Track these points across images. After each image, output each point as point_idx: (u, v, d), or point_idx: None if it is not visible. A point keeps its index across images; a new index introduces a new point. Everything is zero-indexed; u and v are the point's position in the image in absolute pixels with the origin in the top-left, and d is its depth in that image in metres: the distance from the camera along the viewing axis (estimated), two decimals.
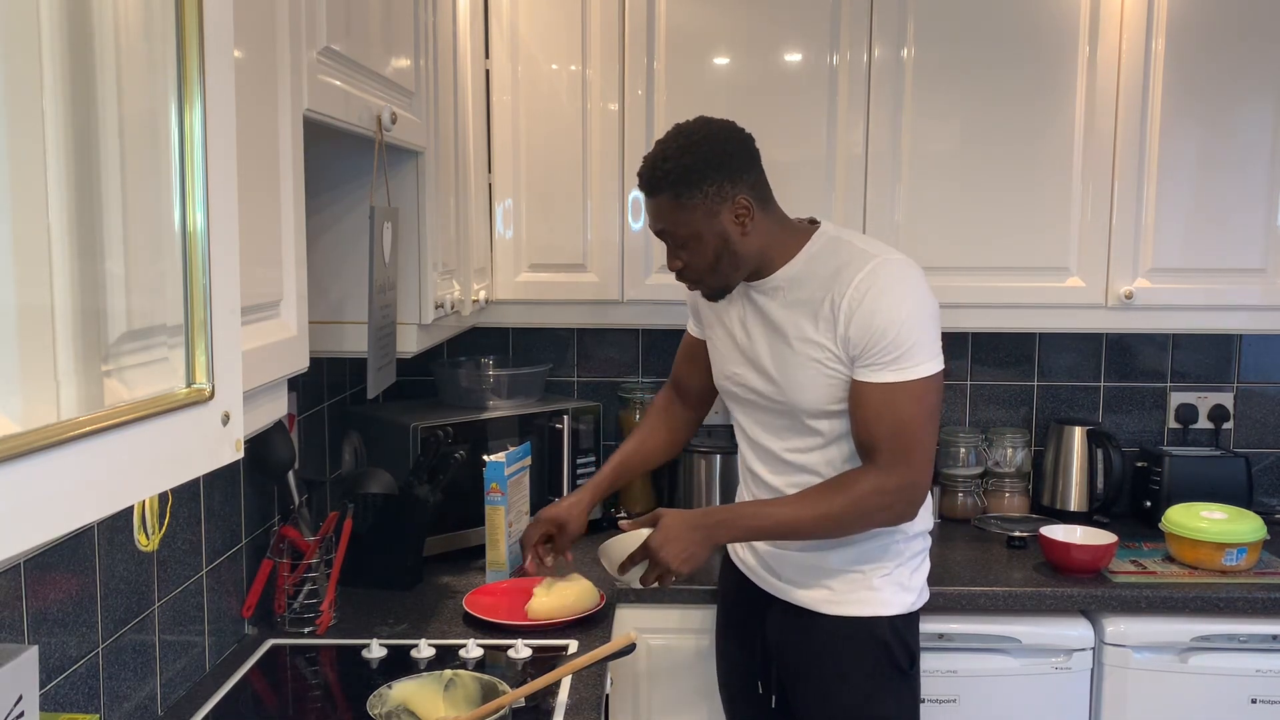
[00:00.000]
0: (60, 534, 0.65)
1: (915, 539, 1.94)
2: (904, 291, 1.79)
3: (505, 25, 2.53)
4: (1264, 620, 2.25)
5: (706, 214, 1.81)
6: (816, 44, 2.50)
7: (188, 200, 0.76)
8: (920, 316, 1.79)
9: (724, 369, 2.02)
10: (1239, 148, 2.51)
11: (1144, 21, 2.47)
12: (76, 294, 0.66)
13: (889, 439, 1.79)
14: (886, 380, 1.78)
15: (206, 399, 0.78)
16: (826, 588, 1.92)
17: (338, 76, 1.44)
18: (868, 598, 1.90)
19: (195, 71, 0.76)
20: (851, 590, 1.90)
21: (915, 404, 1.78)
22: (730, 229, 1.82)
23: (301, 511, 2.07)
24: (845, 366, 1.82)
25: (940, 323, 1.85)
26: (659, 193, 1.82)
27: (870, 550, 1.90)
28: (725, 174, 1.80)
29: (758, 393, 1.94)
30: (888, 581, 1.90)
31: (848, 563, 1.90)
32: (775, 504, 1.88)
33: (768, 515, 1.86)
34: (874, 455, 1.80)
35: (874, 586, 1.90)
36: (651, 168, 1.84)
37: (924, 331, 1.79)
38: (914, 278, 1.82)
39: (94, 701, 1.49)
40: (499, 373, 2.67)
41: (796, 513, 1.83)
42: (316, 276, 1.74)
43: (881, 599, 1.90)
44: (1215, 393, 2.90)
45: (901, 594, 1.91)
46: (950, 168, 2.51)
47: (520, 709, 1.69)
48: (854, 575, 1.90)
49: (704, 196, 1.80)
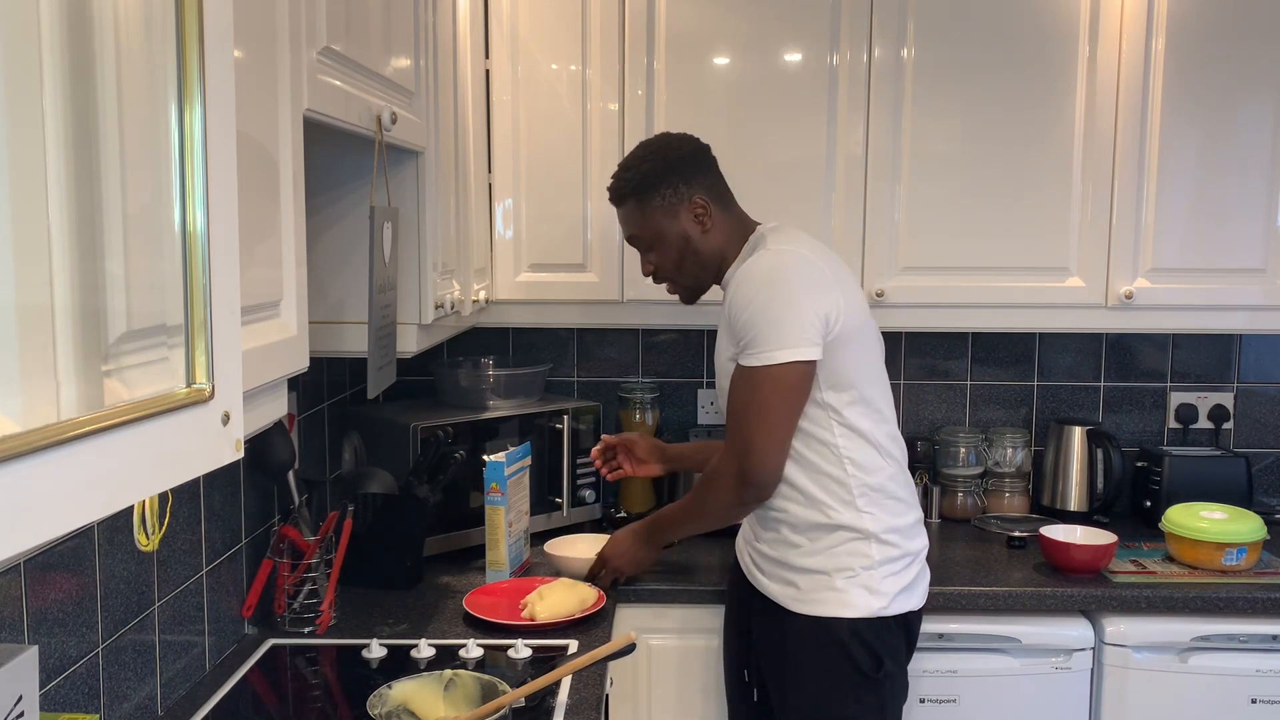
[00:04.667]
0: (60, 534, 0.65)
1: (888, 544, 1.93)
2: (761, 282, 1.87)
3: (505, 25, 2.53)
4: (1264, 620, 2.25)
5: (666, 214, 2.01)
6: (816, 44, 2.50)
7: (188, 200, 0.76)
8: (771, 305, 1.84)
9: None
10: (1239, 148, 2.51)
11: (1144, 21, 2.47)
12: (76, 294, 0.66)
13: (730, 423, 1.93)
14: (741, 364, 1.89)
15: (206, 399, 0.78)
16: (794, 585, 1.95)
17: (338, 76, 1.44)
18: (829, 598, 1.92)
19: (195, 71, 0.76)
20: (815, 590, 1.93)
21: (752, 390, 1.86)
22: (690, 228, 2.01)
23: (301, 511, 2.07)
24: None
25: (814, 315, 1.85)
26: (625, 201, 2.05)
27: (836, 552, 1.92)
28: (680, 177, 2.00)
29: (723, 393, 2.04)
30: (852, 584, 1.91)
31: (813, 563, 1.93)
32: (676, 502, 2.18)
33: (671, 513, 2.14)
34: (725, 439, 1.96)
35: (837, 588, 1.91)
36: (616, 180, 2.07)
37: (772, 321, 1.83)
38: (786, 267, 1.87)
39: (94, 701, 1.49)
40: (499, 373, 2.67)
41: (678, 507, 2.12)
42: (316, 276, 1.74)
43: (843, 600, 1.91)
44: (1215, 393, 2.90)
45: (867, 597, 1.91)
46: (950, 168, 2.51)
47: (520, 709, 1.69)
48: (818, 576, 1.93)
49: (662, 199, 2.00)
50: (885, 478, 1.94)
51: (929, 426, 2.90)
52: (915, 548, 1.98)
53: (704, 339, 2.91)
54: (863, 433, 1.92)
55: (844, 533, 1.91)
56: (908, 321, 2.56)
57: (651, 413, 2.86)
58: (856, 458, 1.92)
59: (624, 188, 2.04)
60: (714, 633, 2.24)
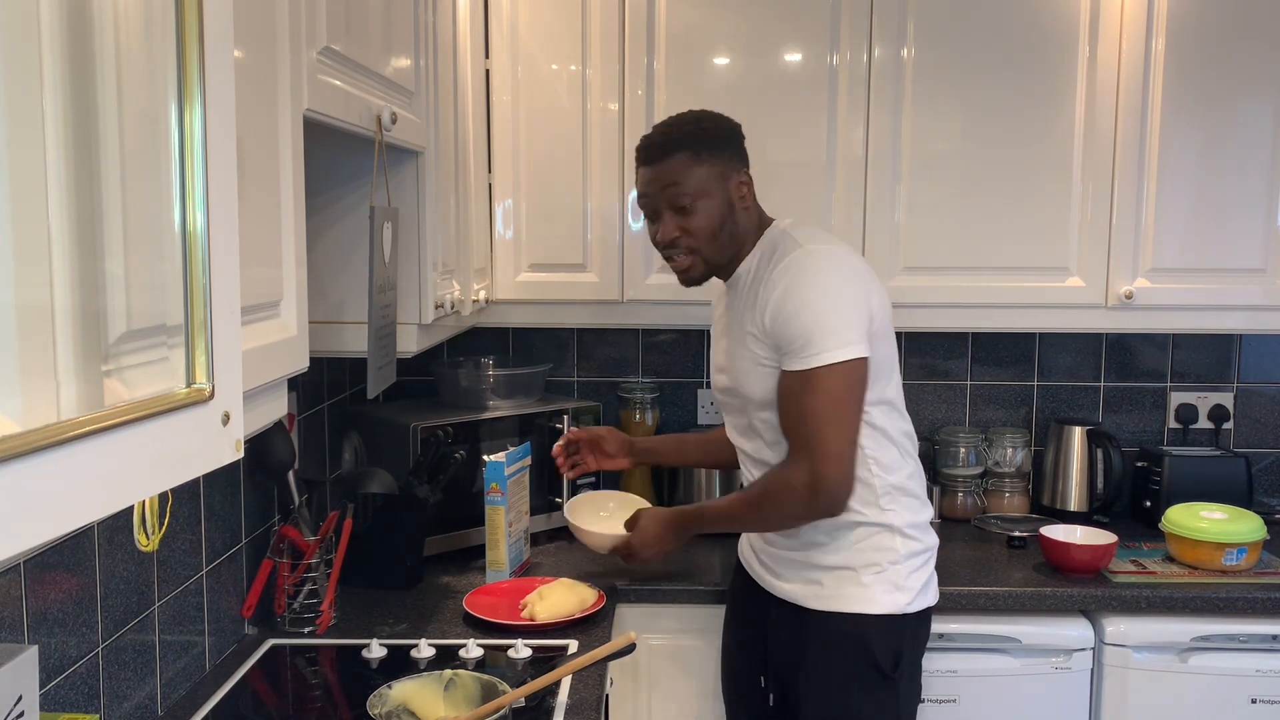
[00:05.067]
0: (60, 534, 0.65)
1: (912, 538, 1.92)
2: (813, 280, 1.81)
3: (505, 25, 2.53)
4: (1264, 620, 2.25)
5: (718, 177, 1.91)
6: (816, 44, 2.50)
7: (188, 200, 0.76)
8: (826, 304, 1.79)
9: (712, 376, 2.09)
10: (1239, 148, 2.51)
11: (1144, 21, 2.47)
12: (76, 294, 0.66)
13: (795, 430, 1.84)
14: (794, 369, 1.81)
15: (206, 399, 0.78)
16: (816, 583, 1.92)
17: (338, 76, 1.44)
18: (855, 594, 1.89)
19: (195, 71, 0.76)
20: (840, 586, 1.90)
21: (817, 394, 1.79)
22: (735, 198, 1.93)
23: (301, 511, 2.07)
24: (774, 358, 1.86)
25: (862, 312, 1.82)
26: (675, 150, 1.91)
27: (863, 547, 1.89)
28: (735, 148, 1.96)
29: (725, 391, 2.02)
30: (879, 579, 1.89)
31: (839, 560, 1.90)
32: (718, 501, 2.12)
33: (714, 511, 2.07)
34: (788, 447, 1.87)
35: (863, 583, 1.89)
36: (666, 130, 1.95)
37: (830, 319, 1.78)
38: (829, 267, 1.83)
39: (94, 701, 1.49)
40: (499, 373, 2.67)
41: (729, 509, 2.03)
42: (316, 276, 1.74)
43: (868, 596, 1.88)
44: (1215, 393, 2.90)
45: (894, 593, 1.89)
46: (950, 168, 2.51)
47: (520, 709, 1.69)
48: (844, 572, 1.90)
49: (719, 160, 1.92)
50: (905, 476, 1.93)
51: (929, 426, 2.90)
52: (933, 543, 1.98)
53: (704, 339, 2.90)
54: (886, 432, 1.90)
55: (868, 528, 1.89)
56: (908, 321, 2.56)
57: (651, 413, 2.86)
58: (880, 457, 1.90)
59: (680, 137, 1.92)
60: (714, 633, 2.24)
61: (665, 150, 1.93)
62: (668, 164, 1.91)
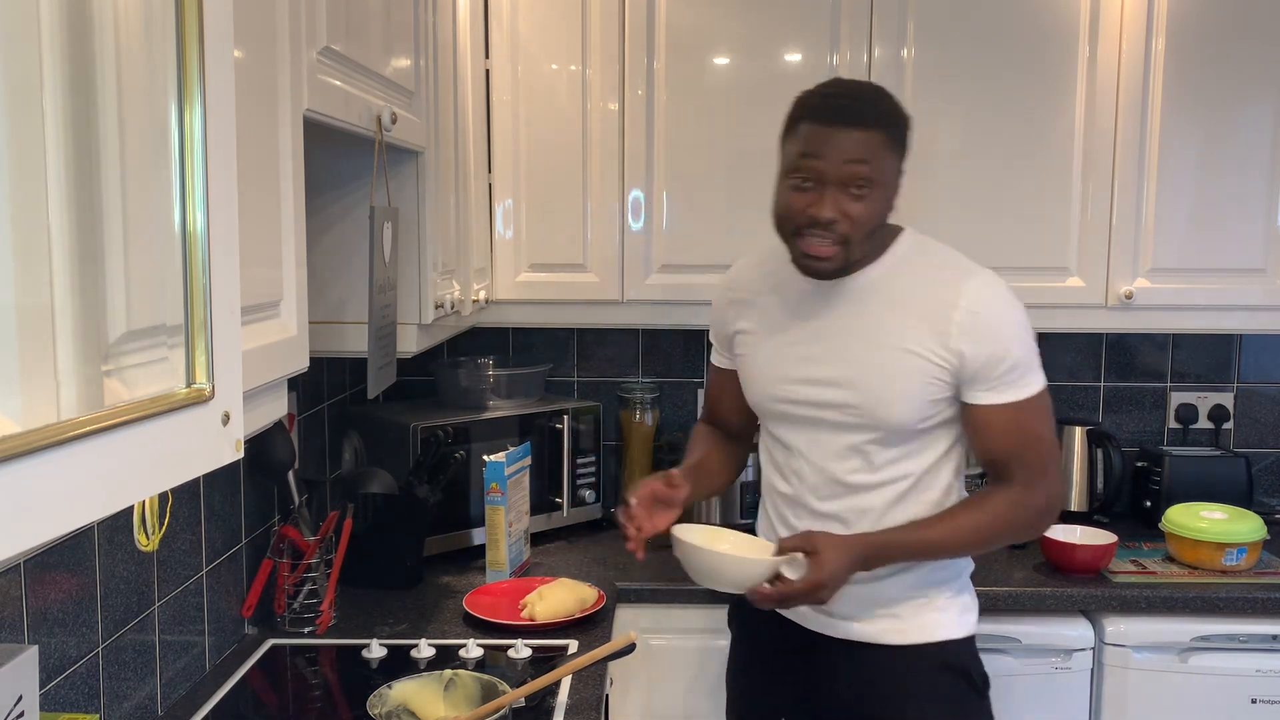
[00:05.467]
0: (60, 534, 0.65)
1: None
2: (1015, 310, 1.74)
3: (505, 25, 2.53)
4: (1264, 620, 2.25)
5: (898, 171, 1.72)
6: (816, 44, 2.50)
7: (188, 200, 0.76)
8: (1030, 333, 1.76)
9: (774, 384, 1.80)
10: (1239, 148, 2.51)
11: (1144, 21, 2.47)
12: (76, 294, 0.66)
13: (1025, 457, 1.74)
14: (1013, 399, 1.71)
15: (206, 399, 0.78)
16: (891, 616, 1.78)
17: (338, 76, 1.44)
18: (935, 621, 1.78)
19: (195, 71, 0.76)
20: (916, 615, 1.78)
21: (1041, 419, 1.75)
22: (894, 198, 1.72)
23: (301, 511, 2.07)
24: (950, 383, 1.71)
25: None
26: (874, 126, 1.66)
27: (935, 572, 1.78)
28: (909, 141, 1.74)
29: (826, 405, 1.75)
30: (953, 603, 1.80)
31: (910, 588, 1.77)
32: (922, 528, 1.73)
33: (920, 540, 1.73)
34: (1009, 474, 1.74)
35: (939, 608, 1.79)
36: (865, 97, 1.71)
37: (1033, 346, 1.76)
38: (1010, 293, 1.77)
39: (94, 701, 1.49)
40: (499, 373, 2.67)
41: (946, 535, 1.73)
42: (317, 276, 1.74)
43: (947, 620, 1.79)
44: (1215, 393, 2.90)
45: (965, 614, 1.82)
46: (950, 167, 2.51)
47: (520, 709, 1.69)
48: (918, 600, 1.78)
49: (903, 153, 1.72)
50: (958, 495, 1.84)
51: None
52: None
53: (704, 339, 2.90)
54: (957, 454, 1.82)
55: None
56: None
57: (651, 413, 2.85)
58: (958, 483, 1.82)
59: (883, 112, 1.69)
60: (714, 633, 2.24)
61: (863, 120, 1.65)
62: (862, 137, 1.64)
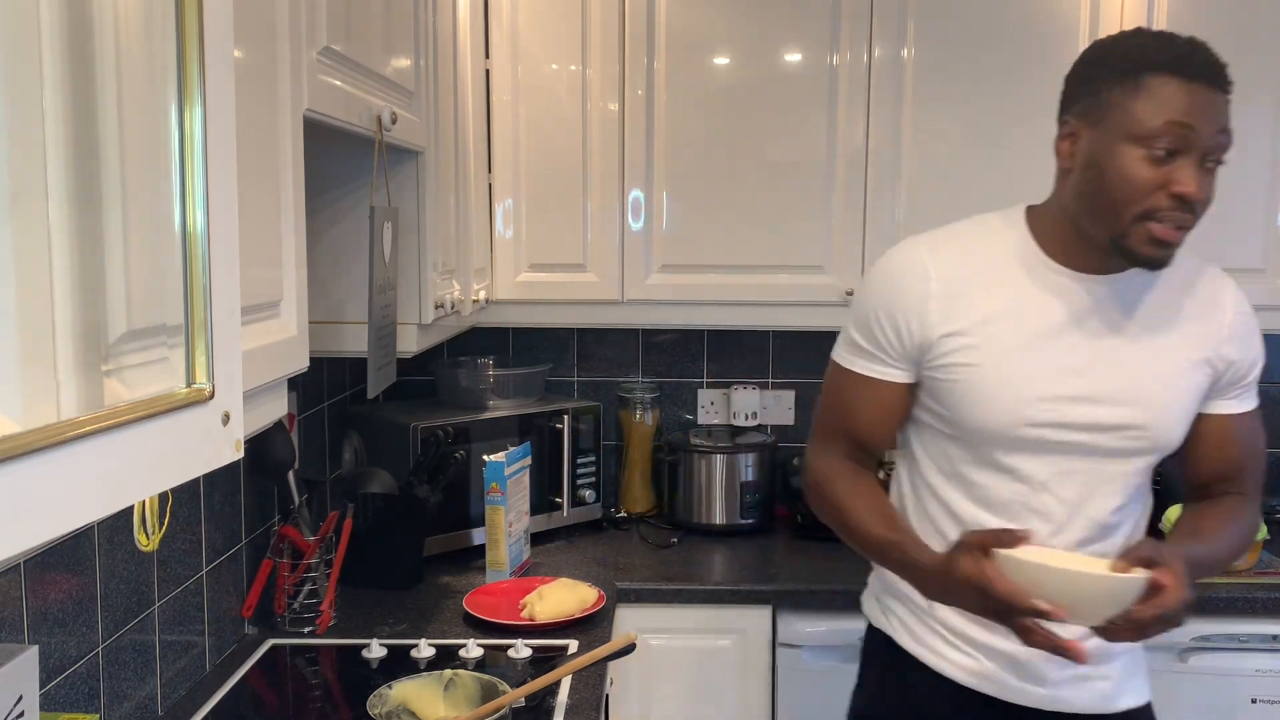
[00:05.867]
0: (60, 534, 0.65)
1: None
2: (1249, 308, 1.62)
3: (505, 25, 2.53)
4: (1264, 620, 2.25)
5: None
6: (816, 44, 2.50)
7: (188, 200, 0.76)
8: None
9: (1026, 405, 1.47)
10: (1239, 148, 2.47)
11: (1144, 22, 2.46)
12: (76, 294, 0.66)
13: (1258, 467, 1.64)
14: (1251, 408, 1.61)
15: (206, 399, 0.78)
16: (1104, 679, 1.54)
17: (338, 76, 1.44)
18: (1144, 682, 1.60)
19: (195, 71, 0.76)
20: (1129, 678, 1.57)
21: (1263, 430, 1.65)
22: None
23: (301, 511, 2.07)
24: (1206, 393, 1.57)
25: None
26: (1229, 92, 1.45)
27: None
28: None
29: (1100, 428, 1.48)
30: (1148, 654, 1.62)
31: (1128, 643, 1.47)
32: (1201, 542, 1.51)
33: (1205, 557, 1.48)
34: (1241, 485, 1.61)
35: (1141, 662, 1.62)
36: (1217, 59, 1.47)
37: None
38: None
39: (94, 701, 1.49)
40: (499, 372, 2.67)
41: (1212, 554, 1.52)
42: (317, 276, 1.74)
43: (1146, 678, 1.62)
44: None
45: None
46: (951, 167, 2.51)
47: (520, 709, 1.69)
48: (1133, 655, 1.58)
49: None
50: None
51: None
52: None
53: (704, 339, 2.90)
54: None
55: None
56: None
57: (651, 413, 2.86)
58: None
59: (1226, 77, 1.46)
60: (714, 633, 2.25)
61: (1227, 85, 1.43)
62: (1226, 103, 1.43)
